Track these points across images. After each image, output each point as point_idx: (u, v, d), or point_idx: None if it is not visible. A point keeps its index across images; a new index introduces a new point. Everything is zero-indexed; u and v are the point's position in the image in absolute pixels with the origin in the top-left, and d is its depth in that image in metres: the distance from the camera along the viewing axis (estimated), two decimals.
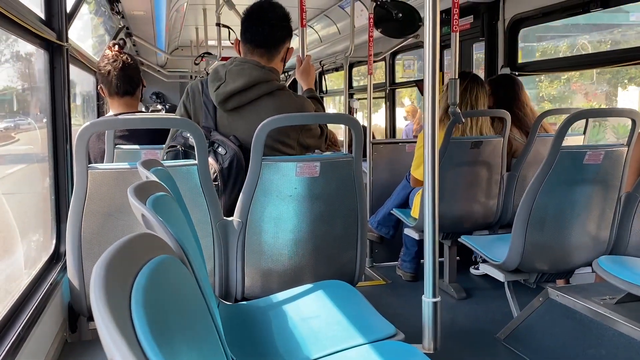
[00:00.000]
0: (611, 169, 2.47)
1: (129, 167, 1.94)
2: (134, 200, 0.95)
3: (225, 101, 2.19)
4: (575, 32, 5.78)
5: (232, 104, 2.19)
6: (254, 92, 2.19)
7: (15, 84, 3.14)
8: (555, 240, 2.53)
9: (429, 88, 1.77)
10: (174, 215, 1.20)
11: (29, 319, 1.65)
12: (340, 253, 2.25)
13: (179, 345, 0.62)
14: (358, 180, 2.20)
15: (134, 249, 0.66)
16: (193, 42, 7.29)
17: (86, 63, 3.60)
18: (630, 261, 2.26)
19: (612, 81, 7.21)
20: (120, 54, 2.72)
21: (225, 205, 2.14)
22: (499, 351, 2.60)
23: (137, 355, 0.41)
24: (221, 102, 2.19)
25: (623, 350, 2.01)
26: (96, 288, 0.48)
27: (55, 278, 1.99)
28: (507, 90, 3.48)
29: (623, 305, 2.13)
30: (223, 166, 2.11)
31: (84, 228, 1.92)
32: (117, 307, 0.48)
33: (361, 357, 1.41)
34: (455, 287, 3.35)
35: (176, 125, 2.18)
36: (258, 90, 2.20)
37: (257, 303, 1.94)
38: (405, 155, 4.17)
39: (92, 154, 2.62)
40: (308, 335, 1.59)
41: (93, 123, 1.91)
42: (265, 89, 2.20)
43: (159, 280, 0.64)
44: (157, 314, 0.58)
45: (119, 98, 2.74)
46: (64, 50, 2.24)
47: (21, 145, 3.13)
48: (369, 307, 1.78)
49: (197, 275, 0.90)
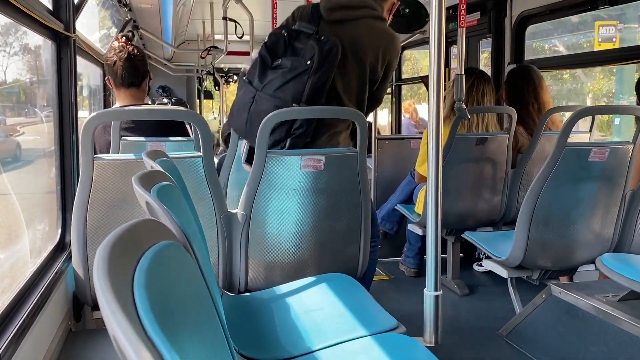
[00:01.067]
0: (616, 167, 2.47)
1: (135, 158, 1.95)
2: (138, 188, 0.95)
3: (332, 10, 2.31)
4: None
5: (337, 15, 2.31)
6: (361, 12, 2.34)
7: (24, 77, 3.16)
8: (559, 237, 2.53)
9: (433, 84, 1.77)
10: (178, 205, 1.21)
11: (33, 307, 1.66)
12: (344, 247, 2.26)
13: (181, 329, 0.62)
14: (362, 175, 2.20)
15: (138, 234, 0.67)
16: (200, 36, 7.29)
17: (93, 55, 3.61)
18: (634, 259, 2.25)
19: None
20: (127, 45, 2.73)
21: (313, 86, 2.21)
22: (501, 347, 2.60)
23: (139, 333, 0.41)
24: (328, 10, 2.32)
25: (625, 347, 2.01)
26: (99, 270, 0.49)
27: (60, 267, 2.00)
28: (521, 83, 3.42)
29: (626, 303, 2.13)
30: (323, 49, 2.19)
31: (89, 218, 1.94)
32: (120, 289, 0.49)
33: (363, 348, 1.42)
34: (458, 283, 3.35)
35: (182, 117, 2.19)
36: (364, 12, 2.34)
37: (260, 295, 1.95)
38: (410, 152, 4.17)
39: (98, 146, 2.64)
40: (310, 326, 1.60)
41: (99, 114, 1.92)
42: (370, 14, 2.35)
43: (162, 264, 0.65)
44: (159, 297, 0.58)
45: (125, 89, 2.75)
46: (71, 41, 2.25)
47: (29, 137, 3.15)
48: (371, 300, 1.79)
49: (200, 264, 0.91)
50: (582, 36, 5.86)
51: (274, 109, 2.16)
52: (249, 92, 2.30)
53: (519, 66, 3.58)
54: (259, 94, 2.27)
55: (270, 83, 2.26)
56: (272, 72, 2.28)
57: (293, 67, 2.24)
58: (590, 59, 4.17)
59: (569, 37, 5.93)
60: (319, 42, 2.23)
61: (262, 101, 2.25)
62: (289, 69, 2.24)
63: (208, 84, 11.11)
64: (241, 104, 2.32)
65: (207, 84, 10.98)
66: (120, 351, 0.41)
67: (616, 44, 5.23)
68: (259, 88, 2.28)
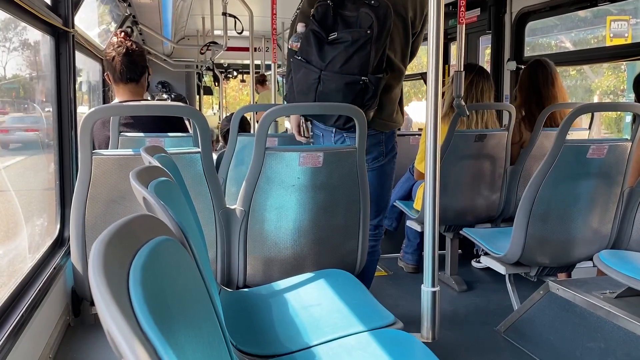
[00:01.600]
0: (614, 164, 2.47)
1: (133, 154, 1.95)
2: (135, 183, 0.96)
3: None
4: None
5: None
6: None
7: (24, 72, 3.16)
8: (557, 233, 2.53)
9: (431, 81, 1.77)
10: (176, 200, 1.21)
11: (31, 302, 1.66)
12: (342, 243, 2.26)
13: (177, 325, 0.63)
14: (361, 171, 2.20)
15: (134, 229, 0.67)
16: (199, 32, 7.28)
17: (92, 50, 3.61)
18: (631, 256, 2.26)
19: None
20: (126, 41, 2.73)
21: (377, 54, 2.23)
22: (498, 343, 2.61)
23: (133, 327, 0.42)
24: None
25: (622, 344, 2.02)
26: (94, 264, 0.49)
27: (58, 262, 2.01)
28: (531, 79, 3.38)
29: (623, 300, 2.14)
30: (379, 15, 2.18)
31: (88, 213, 1.94)
32: (115, 283, 0.49)
33: (360, 344, 1.43)
34: (456, 279, 3.36)
35: (180, 112, 2.19)
36: None
37: (258, 290, 1.95)
38: (409, 148, 4.17)
39: (97, 141, 2.64)
40: (308, 322, 1.60)
41: (98, 109, 1.92)
42: None
43: (158, 260, 0.65)
44: (155, 293, 0.59)
45: (124, 85, 2.75)
46: (69, 36, 2.24)
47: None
48: (369, 296, 1.79)
49: (197, 259, 0.91)
50: (589, 32, 5.83)
51: (344, 86, 2.19)
52: (312, 72, 2.27)
53: (533, 61, 3.51)
54: (325, 73, 2.25)
55: (334, 60, 2.24)
56: (331, 48, 2.26)
57: (354, 40, 2.22)
58: (597, 55, 4.16)
59: (577, 33, 5.90)
60: (373, 8, 2.20)
61: (329, 80, 2.25)
62: (351, 42, 2.22)
63: (208, 79, 11.10)
64: (305, 85, 2.29)
65: (206, 79, 10.97)
66: (114, 345, 0.42)
67: (628, 39, 5.20)
68: (322, 67, 2.26)
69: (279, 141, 3.25)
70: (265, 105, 3.37)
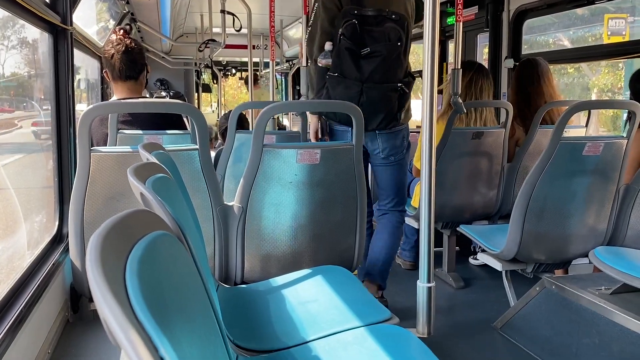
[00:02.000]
0: (610, 161, 2.48)
1: (131, 151, 1.96)
2: (133, 179, 0.97)
3: None
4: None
5: None
6: None
7: (22, 71, 3.16)
8: (553, 230, 2.54)
9: (427, 79, 1.76)
10: (173, 197, 1.22)
11: (30, 298, 1.68)
12: (339, 240, 2.28)
13: (173, 317, 0.64)
14: (358, 168, 2.22)
15: (131, 224, 0.68)
16: (198, 29, 7.29)
17: (91, 48, 3.61)
18: (627, 252, 2.27)
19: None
20: (125, 38, 2.73)
21: (407, 60, 2.59)
22: (495, 340, 2.62)
23: (129, 317, 0.43)
24: None
25: (617, 340, 2.03)
26: (92, 257, 0.50)
27: (57, 259, 2.02)
28: (526, 77, 3.40)
29: (618, 296, 2.15)
30: (403, 27, 2.47)
31: (86, 210, 1.95)
32: (112, 275, 0.50)
33: (356, 339, 1.44)
34: (453, 276, 3.37)
35: (179, 110, 2.20)
36: None
37: (256, 286, 1.96)
38: None
39: (95, 139, 2.64)
40: (305, 317, 1.61)
41: (96, 106, 1.93)
42: None
43: (155, 254, 0.67)
44: (151, 285, 0.60)
45: (122, 82, 2.75)
46: (68, 34, 2.25)
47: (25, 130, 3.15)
48: (366, 292, 1.81)
49: (194, 255, 0.92)
50: (587, 30, 5.83)
51: (386, 94, 2.50)
52: (354, 85, 2.50)
53: (525, 59, 3.53)
54: (367, 85, 2.50)
55: (373, 72, 2.49)
56: (367, 61, 2.50)
57: (389, 53, 2.48)
58: (595, 53, 4.16)
59: (574, 31, 5.90)
60: (397, 22, 2.46)
61: (372, 91, 2.51)
62: (386, 55, 2.48)
63: (206, 77, 11.10)
64: (347, 97, 2.46)
65: (205, 77, 10.97)
66: (110, 334, 0.43)
67: (626, 37, 5.20)
68: (362, 79, 2.50)
69: (277, 138, 3.26)
70: (263, 102, 3.38)
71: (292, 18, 6.97)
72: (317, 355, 1.37)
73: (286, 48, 8.47)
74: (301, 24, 2.87)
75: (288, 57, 8.77)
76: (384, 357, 1.32)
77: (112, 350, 1.79)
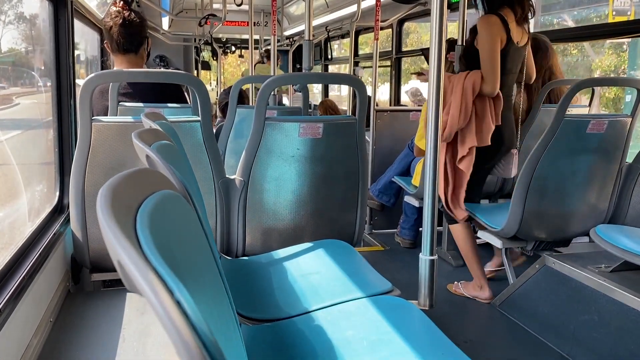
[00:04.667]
0: (614, 139, 2.47)
1: (133, 121, 1.94)
2: (138, 142, 0.95)
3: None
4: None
5: None
6: None
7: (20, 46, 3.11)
8: (555, 208, 2.54)
9: (434, 57, 1.72)
10: (178, 162, 1.21)
11: (31, 267, 1.67)
12: (341, 215, 2.27)
13: (184, 272, 0.63)
14: (361, 143, 2.20)
15: (140, 181, 0.67)
16: (198, 5, 7.20)
17: (91, 19, 3.56)
18: (628, 230, 2.28)
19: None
20: (124, 10, 2.68)
21: None
22: (494, 317, 2.64)
23: (144, 261, 0.42)
24: None
25: (616, 316, 2.04)
26: (103, 205, 0.49)
27: (58, 229, 2.01)
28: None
29: (618, 274, 2.16)
30: None
31: (87, 181, 1.94)
32: (123, 224, 0.49)
33: (358, 309, 1.44)
34: (453, 254, 3.38)
35: (181, 80, 2.18)
36: None
37: (257, 258, 1.96)
38: (408, 124, 4.16)
39: (95, 111, 2.61)
40: (307, 289, 1.62)
41: (97, 75, 1.91)
42: None
43: (164, 210, 0.66)
44: (162, 239, 0.59)
45: (122, 55, 2.71)
46: (68, 2, 2.22)
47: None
48: (367, 265, 1.81)
49: (200, 216, 0.92)
50: (592, 10, 5.77)
51: None
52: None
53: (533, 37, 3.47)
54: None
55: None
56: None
57: None
58: (599, 32, 4.11)
59: (579, 12, 5.84)
60: None
61: None
62: None
63: (206, 55, 11.00)
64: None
65: (205, 55, 10.87)
66: (126, 278, 0.42)
67: (631, 16, 5.14)
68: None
69: (278, 113, 3.24)
70: (263, 76, 3.35)
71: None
72: (320, 325, 1.37)
73: (287, 25, 8.39)
74: (304, 1, 2.83)
75: (288, 34, 8.69)
76: (386, 327, 1.32)
77: (113, 321, 1.80)
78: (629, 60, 6.30)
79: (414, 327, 1.35)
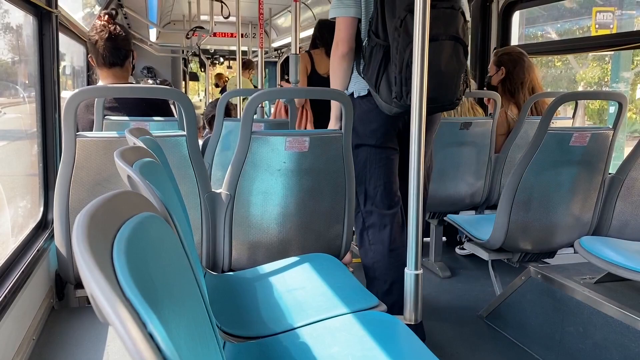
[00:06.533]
0: (596, 151, 2.50)
1: (118, 137, 1.93)
2: (120, 162, 0.95)
3: None
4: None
5: None
6: None
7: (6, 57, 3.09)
8: (539, 220, 2.56)
9: (417, 70, 1.72)
10: (161, 181, 1.21)
11: (14, 284, 1.65)
12: (327, 228, 2.27)
13: (161, 298, 0.63)
14: (347, 156, 2.21)
15: (119, 204, 0.67)
16: (185, 17, 7.21)
17: (76, 32, 3.56)
18: (612, 242, 2.30)
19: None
20: (109, 24, 2.69)
21: None
22: (480, 328, 2.65)
23: (116, 291, 0.42)
24: None
25: (600, 328, 2.06)
26: (79, 234, 0.49)
27: (42, 245, 1.99)
28: (516, 68, 3.40)
29: (602, 285, 2.18)
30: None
31: (72, 196, 1.92)
32: (99, 253, 0.49)
33: (344, 325, 1.44)
34: (440, 265, 3.39)
35: (166, 95, 2.17)
36: None
37: (243, 274, 1.96)
38: None
39: (81, 125, 2.61)
40: (293, 304, 1.61)
41: (82, 90, 1.90)
42: None
43: (142, 234, 0.66)
44: (139, 265, 0.59)
45: (107, 69, 2.71)
46: (53, 17, 2.21)
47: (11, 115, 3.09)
48: (353, 279, 1.81)
49: (181, 237, 0.92)
50: (575, 23, 5.85)
51: None
52: None
53: (511, 51, 3.52)
54: None
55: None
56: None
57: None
58: (582, 45, 4.18)
59: (562, 24, 5.92)
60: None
61: None
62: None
63: (194, 65, 11.01)
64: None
65: (192, 65, 10.88)
66: (97, 310, 0.42)
67: (614, 30, 5.22)
68: None
69: (264, 126, 3.24)
70: (250, 90, 3.36)
71: (281, 7, 6.91)
72: (304, 342, 1.37)
73: (274, 37, 8.41)
74: (290, 13, 2.84)
75: (276, 46, 8.72)
76: (371, 343, 1.32)
77: (97, 337, 1.78)
78: (611, 73, 6.38)
79: (399, 342, 1.35)
